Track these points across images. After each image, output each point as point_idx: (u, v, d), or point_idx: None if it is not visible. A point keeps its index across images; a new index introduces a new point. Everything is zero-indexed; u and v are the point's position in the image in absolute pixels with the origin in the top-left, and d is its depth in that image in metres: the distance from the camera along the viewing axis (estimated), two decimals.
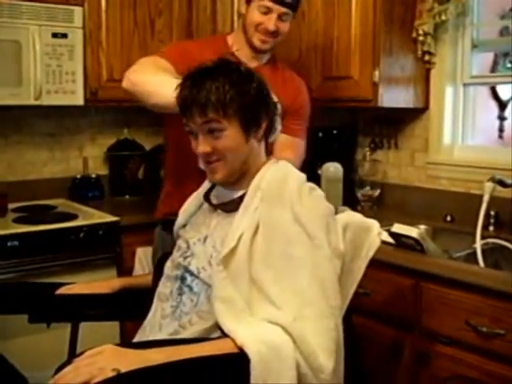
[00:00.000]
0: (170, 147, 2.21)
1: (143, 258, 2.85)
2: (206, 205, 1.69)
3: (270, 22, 2.14)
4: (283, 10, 2.15)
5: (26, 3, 2.77)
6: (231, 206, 1.57)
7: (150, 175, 3.52)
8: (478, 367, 1.96)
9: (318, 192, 1.57)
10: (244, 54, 2.20)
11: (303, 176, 1.58)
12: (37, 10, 2.80)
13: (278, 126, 1.64)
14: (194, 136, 1.55)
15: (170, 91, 1.62)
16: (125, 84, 1.98)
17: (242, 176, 1.57)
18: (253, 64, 2.17)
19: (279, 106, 1.64)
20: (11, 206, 3.00)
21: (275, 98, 1.62)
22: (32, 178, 3.29)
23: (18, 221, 2.79)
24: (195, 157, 1.60)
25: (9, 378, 1.58)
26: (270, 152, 1.66)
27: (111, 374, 1.21)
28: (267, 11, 2.14)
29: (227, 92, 1.48)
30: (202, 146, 1.52)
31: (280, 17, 2.16)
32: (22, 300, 1.78)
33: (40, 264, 2.64)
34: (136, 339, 1.63)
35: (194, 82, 1.53)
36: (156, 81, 1.86)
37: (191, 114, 1.51)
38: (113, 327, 2.62)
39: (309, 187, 1.55)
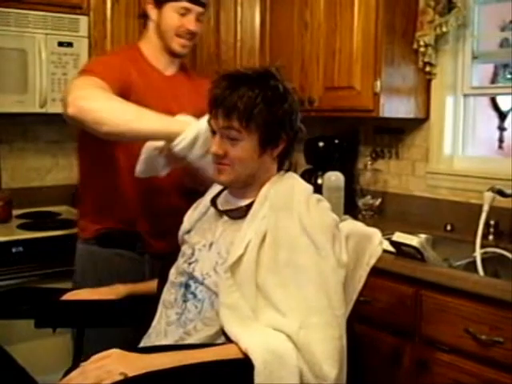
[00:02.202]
0: (98, 167, 2.16)
1: None
2: (211, 211, 1.71)
3: (191, 23, 2.11)
4: (201, 9, 2.13)
5: (33, 12, 2.79)
6: (238, 213, 1.59)
7: None
8: (477, 375, 1.97)
9: (325, 204, 1.59)
10: (161, 62, 2.17)
11: (310, 187, 1.60)
12: (43, 19, 2.82)
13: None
14: (213, 134, 1.58)
15: (125, 118, 1.67)
16: (72, 111, 1.76)
17: (248, 185, 1.59)
18: (169, 72, 2.17)
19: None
20: (15, 212, 3.02)
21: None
22: (36, 184, 3.30)
23: (22, 227, 2.81)
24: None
25: (20, 380, 1.59)
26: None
27: (118, 377, 1.23)
28: (185, 12, 2.10)
29: (257, 105, 1.49)
30: (215, 147, 1.55)
31: (197, 17, 2.13)
32: (28, 305, 1.80)
33: (44, 270, 2.67)
34: (141, 346, 1.63)
35: (229, 83, 1.52)
36: (110, 108, 1.78)
37: (217, 114, 1.53)
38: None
39: (316, 199, 1.57)
